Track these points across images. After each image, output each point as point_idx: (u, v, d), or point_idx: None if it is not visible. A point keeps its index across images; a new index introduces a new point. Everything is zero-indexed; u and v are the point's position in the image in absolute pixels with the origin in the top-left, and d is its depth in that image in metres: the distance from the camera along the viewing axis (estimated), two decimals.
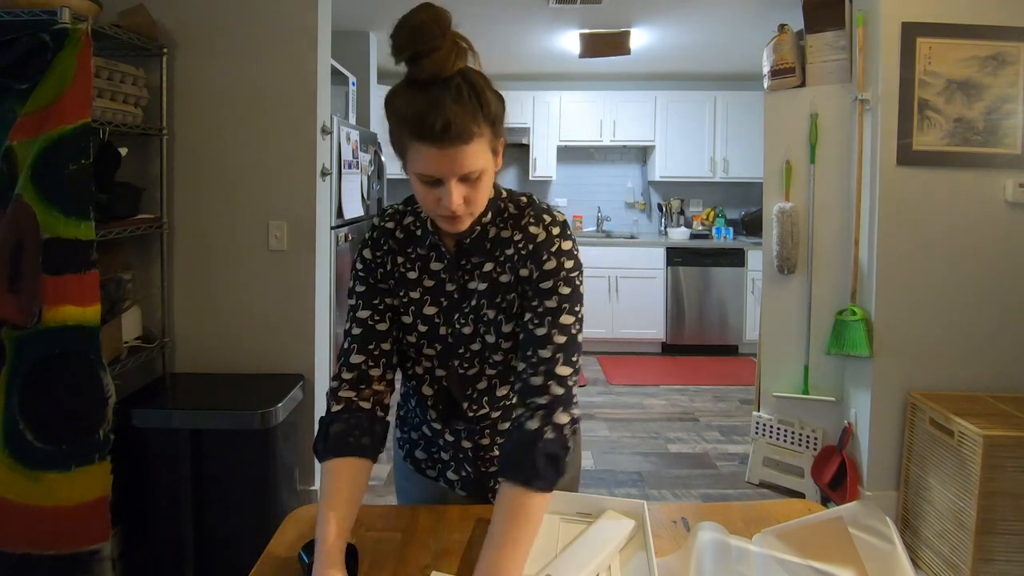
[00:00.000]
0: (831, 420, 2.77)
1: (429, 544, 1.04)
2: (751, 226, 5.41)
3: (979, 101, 2.44)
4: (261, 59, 2.44)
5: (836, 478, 2.64)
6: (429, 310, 1.03)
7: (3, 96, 1.80)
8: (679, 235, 5.33)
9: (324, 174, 2.59)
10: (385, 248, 1.05)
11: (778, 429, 2.87)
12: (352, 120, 3.85)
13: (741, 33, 4.07)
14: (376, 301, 1.04)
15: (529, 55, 4.64)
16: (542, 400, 0.95)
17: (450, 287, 1.03)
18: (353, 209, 3.28)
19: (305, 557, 0.97)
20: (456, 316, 1.03)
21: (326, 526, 0.90)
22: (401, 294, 1.04)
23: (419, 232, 1.04)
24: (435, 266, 1.04)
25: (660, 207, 5.73)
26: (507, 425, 1.09)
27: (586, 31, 3.97)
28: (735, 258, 5.15)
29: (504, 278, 1.01)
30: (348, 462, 0.98)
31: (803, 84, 2.77)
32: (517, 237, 1.00)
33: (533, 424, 0.93)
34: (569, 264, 0.99)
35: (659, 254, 5.15)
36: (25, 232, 1.76)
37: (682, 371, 4.74)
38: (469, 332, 1.02)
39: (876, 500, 2.51)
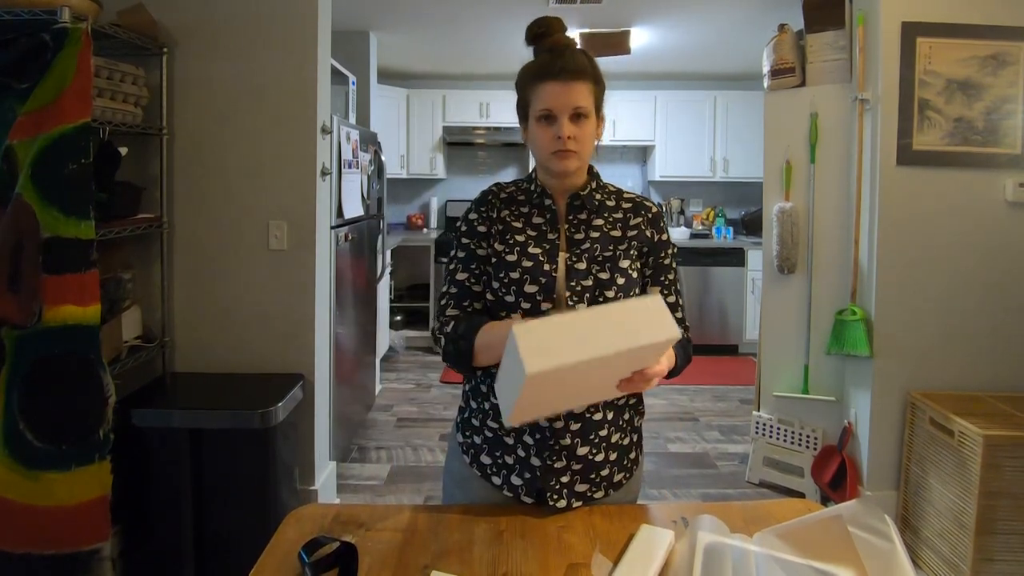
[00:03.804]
0: (831, 420, 2.77)
1: (429, 544, 1.04)
2: (751, 226, 5.41)
3: (979, 101, 2.44)
4: (261, 59, 2.44)
5: (836, 478, 2.64)
6: (534, 250, 1.16)
7: (3, 95, 1.80)
8: (679, 235, 5.33)
9: (324, 174, 2.59)
10: (491, 202, 1.21)
11: (778, 429, 2.87)
12: (352, 120, 3.86)
13: (741, 33, 4.07)
14: (473, 266, 1.19)
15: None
16: (685, 336, 1.19)
17: (552, 236, 1.18)
18: (353, 209, 3.28)
19: (305, 557, 0.97)
20: (566, 257, 1.16)
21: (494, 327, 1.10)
22: (507, 237, 1.18)
23: (522, 196, 1.22)
24: (537, 220, 1.20)
25: (660, 207, 5.72)
26: (581, 409, 1.14)
27: (586, 31, 3.97)
28: (735, 258, 5.15)
29: (615, 232, 1.19)
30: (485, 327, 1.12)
31: (803, 84, 2.77)
32: (625, 205, 1.22)
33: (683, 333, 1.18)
34: (672, 241, 1.27)
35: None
36: (25, 231, 1.76)
37: None
38: (583, 268, 1.15)
39: (876, 500, 2.51)
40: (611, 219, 1.20)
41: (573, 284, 1.13)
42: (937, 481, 2.28)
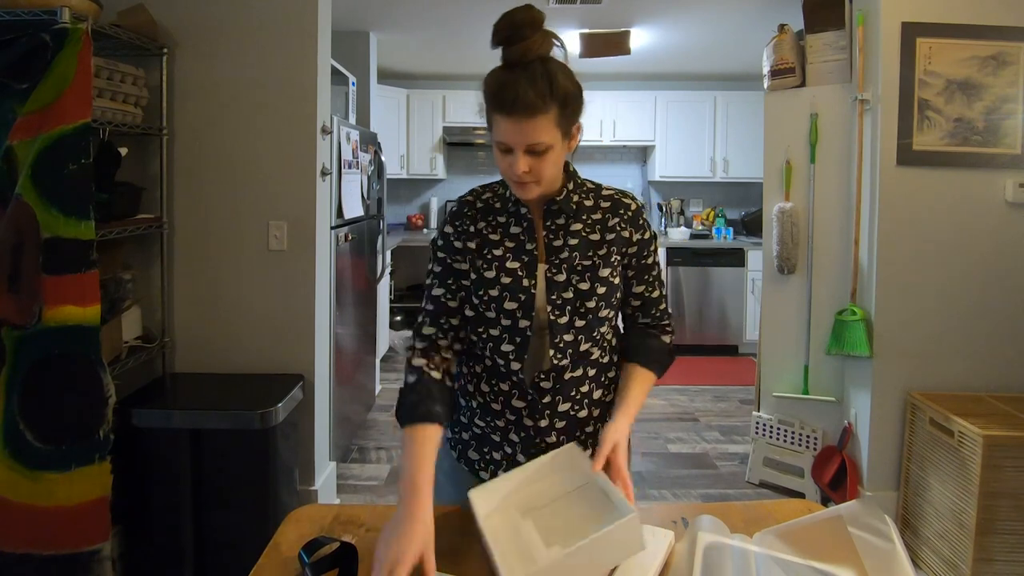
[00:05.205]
0: (831, 420, 2.77)
1: None
2: (751, 226, 5.41)
3: (979, 101, 2.43)
4: (261, 59, 2.44)
5: (836, 478, 2.64)
6: (512, 264, 1.13)
7: (3, 96, 1.80)
8: (679, 235, 5.33)
9: (324, 174, 2.59)
10: (468, 215, 1.17)
11: (778, 429, 2.87)
12: (352, 120, 3.85)
13: (741, 33, 4.07)
14: (450, 281, 1.16)
15: None
16: (668, 328, 1.25)
17: (530, 246, 1.14)
18: (353, 209, 3.28)
19: (305, 557, 0.97)
20: (545, 269, 1.13)
21: (411, 465, 1.03)
22: (485, 252, 1.14)
23: (498, 204, 1.17)
24: (514, 230, 1.15)
25: (660, 207, 5.73)
26: (567, 407, 1.15)
27: (586, 31, 3.97)
28: (735, 258, 5.15)
29: (594, 236, 1.14)
30: (422, 428, 1.07)
31: (803, 84, 2.77)
32: (604, 205, 1.16)
33: (666, 339, 1.24)
34: (654, 232, 1.22)
35: (659, 254, 5.15)
36: (25, 232, 1.76)
37: (682, 371, 4.74)
38: (562, 280, 1.12)
39: (876, 500, 2.51)
40: (590, 221, 1.15)
41: (554, 298, 1.12)
42: (937, 481, 2.28)
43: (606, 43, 4.03)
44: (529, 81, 1.00)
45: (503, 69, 1.04)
